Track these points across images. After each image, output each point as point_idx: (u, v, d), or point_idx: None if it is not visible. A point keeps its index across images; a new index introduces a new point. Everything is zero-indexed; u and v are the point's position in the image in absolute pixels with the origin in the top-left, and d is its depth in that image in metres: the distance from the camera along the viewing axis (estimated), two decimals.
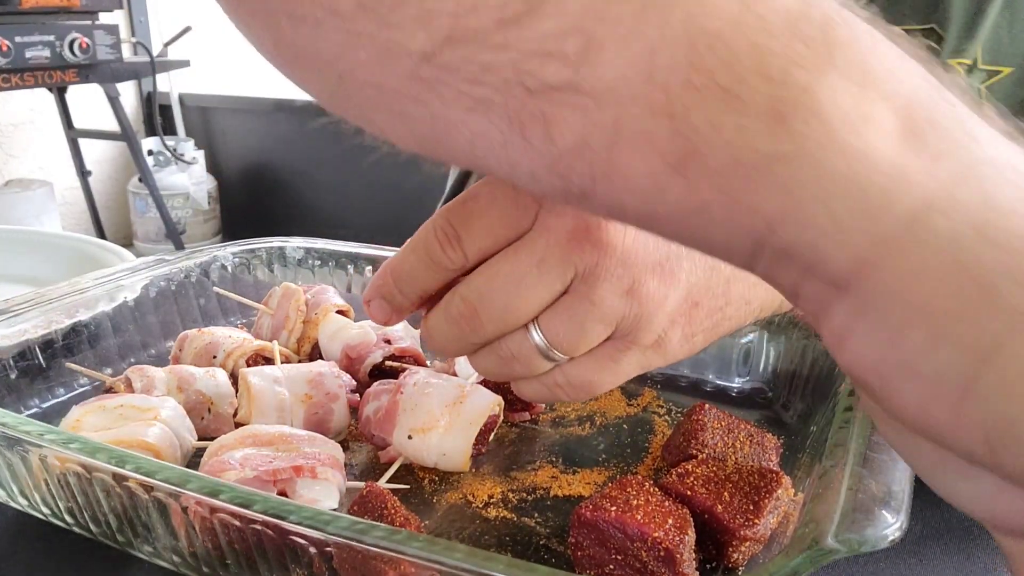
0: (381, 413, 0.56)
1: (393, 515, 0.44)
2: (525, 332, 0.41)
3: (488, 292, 0.40)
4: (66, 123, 2.97)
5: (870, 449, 0.44)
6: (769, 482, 0.46)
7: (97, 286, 0.70)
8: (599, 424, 0.63)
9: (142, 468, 0.42)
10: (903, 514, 0.38)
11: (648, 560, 0.42)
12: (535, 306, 0.40)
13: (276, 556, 0.41)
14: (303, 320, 0.72)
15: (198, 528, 0.42)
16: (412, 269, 0.41)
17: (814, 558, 0.35)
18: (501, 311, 0.40)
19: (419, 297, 0.42)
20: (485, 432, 0.56)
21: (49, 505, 0.48)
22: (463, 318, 0.41)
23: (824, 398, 0.58)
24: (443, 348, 0.43)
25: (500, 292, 0.39)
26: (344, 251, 0.83)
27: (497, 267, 0.39)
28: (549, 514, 0.51)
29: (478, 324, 0.40)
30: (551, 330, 0.40)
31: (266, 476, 0.47)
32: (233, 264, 0.81)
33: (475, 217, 0.39)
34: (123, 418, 0.53)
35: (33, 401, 0.64)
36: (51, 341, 0.65)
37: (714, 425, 0.53)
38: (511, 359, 0.42)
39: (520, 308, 0.40)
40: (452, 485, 0.55)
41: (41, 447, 0.45)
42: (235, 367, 0.65)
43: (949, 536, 0.51)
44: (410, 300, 0.42)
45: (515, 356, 0.41)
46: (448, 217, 0.39)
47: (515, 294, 0.39)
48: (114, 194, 3.58)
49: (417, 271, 0.41)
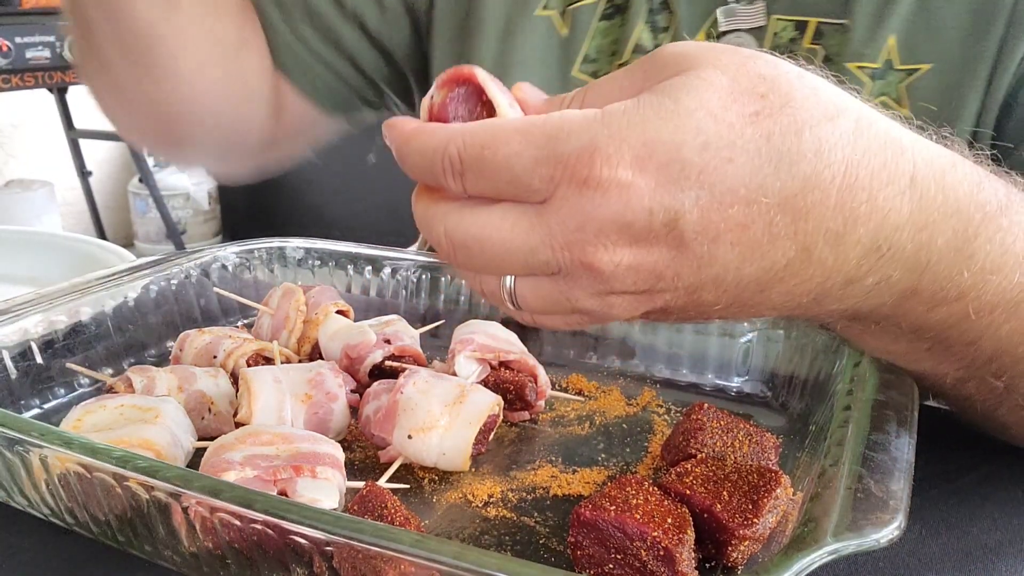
0: (381, 413, 0.56)
1: (393, 515, 0.45)
2: (499, 279, 0.41)
3: (471, 246, 0.40)
4: (66, 123, 2.97)
5: (869, 449, 0.44)
6: (768, 481, 0.46)
7: (97, 286, 0.70)
8: (599, 424, 0.63)
9: (142, 468, 0.42)
10: (902, 514, 0.38)
11: (647, 559, 0.42)
12: (511, 274, 0.41)
13: (276, 556, 0.41)
14: (303, 320, 0.72)
15: (198, 528, 0.42)
16: (412, 157, 0.41)
17: (813, 557, 0.36)
18: (477, 266, 0.41)
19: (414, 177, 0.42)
20: (485, 432, 0.56)
21: (49, 505, 0.49)
22: (440, 248, 0.41)
23: (823, 398, 0.58)
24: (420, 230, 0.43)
25: (481, 254, 0.40)
26: (344, 251, 0.83)
27: (489, 231, 0.39)
28: (549, 514, 0.51)
29: (454, 258, 0.41)
30: (523, 294, 0.41)
31: (266, 476, 0.47)
32: (233, 264, 0.81)
33: (489, 167, 0.38)
34: (124, 418, 0.53)
35: (34, 401, 0.64)
36: (51, 341, 0.65)
37: (713, 425, 0.53)
38: (481, 290, 0.42)
39: (496, 272, 0.41)
40: (452, 485, 0.55)
41: (41, 447, 0.45)
42: (235, 367, 0.65)
43: (949, 536, 0.51)
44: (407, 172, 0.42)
45: (484, 291, 0.42)
46: (461, 152, 0.38)
47: (496, 263, 0.40)
48: (114, 194, 3.58)
49: (416, 163, 0.41)
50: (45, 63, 2.50)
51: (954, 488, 0.55)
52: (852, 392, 0.51)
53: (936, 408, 0.61)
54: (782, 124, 0.37)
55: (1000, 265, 0.44)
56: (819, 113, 0.38)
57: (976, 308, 0.45)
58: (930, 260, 0.42)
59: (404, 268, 0.81)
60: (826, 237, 0.39)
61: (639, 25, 0.78)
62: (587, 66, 0.81)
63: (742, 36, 0.76)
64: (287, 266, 0.83)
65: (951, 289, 0.44)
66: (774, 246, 0.38)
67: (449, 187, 0.40)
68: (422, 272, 0.80)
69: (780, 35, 0.75)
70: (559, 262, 0.39)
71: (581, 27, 0.80)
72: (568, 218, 0.37)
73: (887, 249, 0.40)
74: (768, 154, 0.37)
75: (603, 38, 0.80)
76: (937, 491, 0.54)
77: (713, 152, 0.36)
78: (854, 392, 0.51)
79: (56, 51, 2.49)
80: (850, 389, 0.52)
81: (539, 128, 0.37)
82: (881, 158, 0.39)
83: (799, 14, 0.75)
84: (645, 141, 0.36)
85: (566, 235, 0.38)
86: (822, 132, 0.37)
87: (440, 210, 0.41)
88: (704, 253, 0.37)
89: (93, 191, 3.16)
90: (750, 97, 0.37)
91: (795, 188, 0.37)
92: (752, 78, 0.37)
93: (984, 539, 0.50)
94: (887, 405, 0.49)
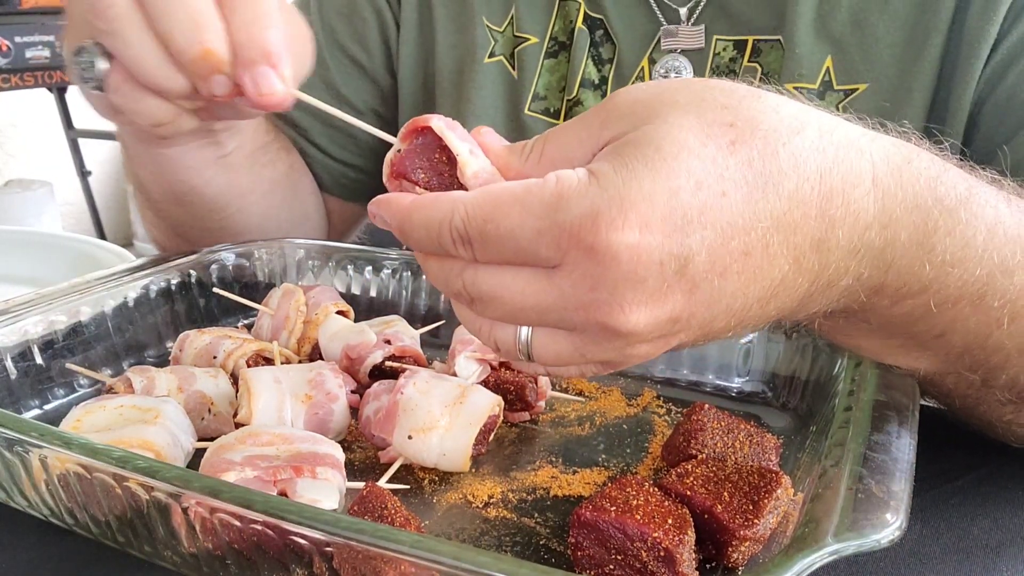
0: (381, 413, 0.56)
1: (393, 515, 0.44)
2: (514, 331, 0.41)
3: (489, 298, 0.40)
4: (66, 123, 2.97)
5: (870, 449, 0.44)
6: (769, 482, 0.46)
7: (97, 286, 0.69)
8: (599, 424, 0.63)
9: (142, 468, 0.42)
10: (903, 514, 0.38)
11: (648, 560, 0.42)
12: (531, 325, 0.41)
13: (276, 556, 0.41)
14: (303, 320, 0.72)
15: (198, 528, 0.42)
16: (417, 232, 0.40)
17: (814, 558, 0.36)
18: (496, 316, 0.41)
19: (421, 250, 0.42)
20: (485, 432, 0.56)
21: (49, 505, 0.49)
22: (459, 298, 0.41)
23: (824, 398, 0.58)
24: (435, 285, 0.43)
25: (499, 305, 0.40)
26: (344, 251, 0.83)
27: (502, 290, 0.39)
28: (549, 514, 0.51)
29: (472, 307, 0.41)
30: (538, 347, 0.41)
31: (266, 476, 0.47)
32: (233, 264, 0.81)
33: (493, 240, 0.38)
34: (123, 418, 0.53)
35: (33, 402, 0.64)
36: (51, 341, 0.65)
37: (714, 425, 0.53)
38: (493, 343, 0.42)
39: (515, 322, 0.41)
40: (452, 485, 0.55)
41: (41, 447, 0.45)
42: (235, 367, 0.65)
43: (949, 536, 0.51)
44: (412, 247, 0.42)
45: (498, 342, 0.42)
46: (466, 221, 0.38)
47: (514, 315, 0.40)
48: (114, 194, 3.58)
49: (422, 237, 0.40)
50: (45, 63, 2.50)
51: (954, 488, 0.55)
52: (853, 393, 0.51)
53: (936, 408, 0.61)
54: (758, 148, 0.38)
55: (961, 258, 0.45)
56: (785, 130, 0.39)
57: (938, 301, 0.46)
58: (895, 256, 0.43)
59: (404, 268, 0.81)
60: (812, 245, 0.40)
61: (583, 59, 0.82)
62: (537, 103, 0.85)
63: (679, 59, 0.78)
64: (287, 266, 0.83)
65: (914, 283, 0.45)
66: (772, 264, 0.39)
67: (460, 256, 0.40)
68: (422, 272, 0.80)
69: (721, 55, 0.77)
70: (574, 322, 0.39)
71: (529, 67, 0.84)
72: (580, 282, 0.37)
73: (860, 248, 0.42)
74: (754, 180, 0.37)
75: (550, 75, 0.84)
76: (937, 491, 0.54)
77: (707, 190, 0.37)
78: (855, 393, 0.51)
79: (56, 50, 2.49)
80: (851, 390, 0.52)
81: (536, 198, 0.37)
82: (847, 162, 0.40)
83: (737, 33, 0.77)
84: (643, 196, 0.36)
85: (580, 298, 0.38)
86: (794, 148, 0.38)
87: (454, 266, 0.41)
88: (715, 289, 0.38)
89: (93, 191, 3.16)
90: (721, 128, 0.38)
91: (783, 207, 0.38)
92: (715, 110, 0.38)
93: (984, 539, 0.50)
94: (888, 406, 0.49)
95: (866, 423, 0.47)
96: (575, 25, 0.82)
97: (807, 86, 0.72)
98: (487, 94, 0.86)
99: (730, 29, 0.77)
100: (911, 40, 0.70)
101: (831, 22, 0.72)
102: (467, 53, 0.86)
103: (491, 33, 0.85)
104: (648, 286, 0.37)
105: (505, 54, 0.85)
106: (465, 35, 0.86)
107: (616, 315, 0.37)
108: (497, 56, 0.85)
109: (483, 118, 0.86)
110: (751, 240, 0.38)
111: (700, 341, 0.42)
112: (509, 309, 0.40)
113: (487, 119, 0.86)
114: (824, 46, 0.72)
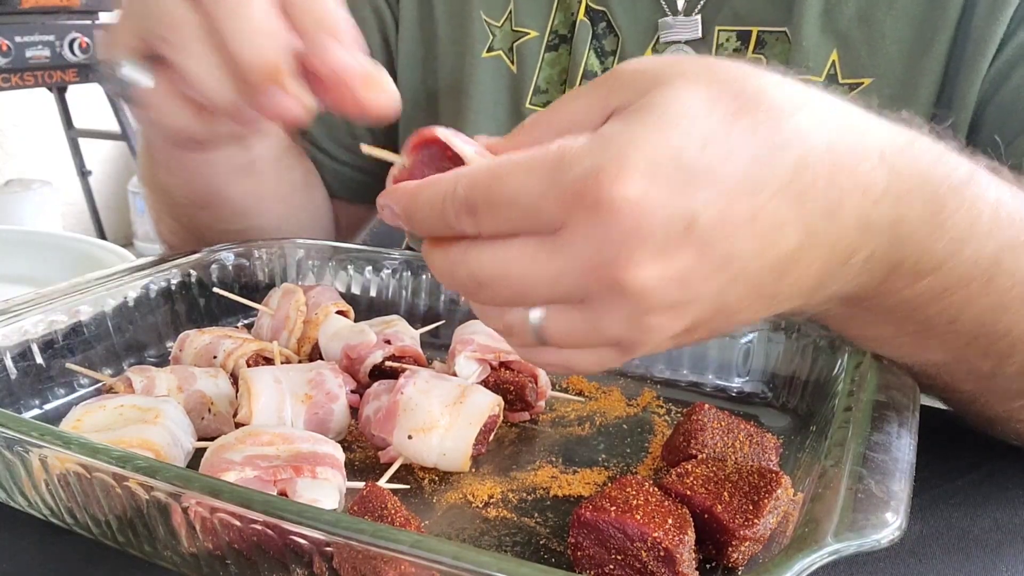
0: (381, 413, 0.56)
1: (393, 515, 0.44)
2: (526, 312, 0.40)
3: (495, 279, 0.39)
4: (66, 123, 2.97)
5: (870, 449, 0.44)
6: (769, 482, 0.46)
7: (97, 286, 0.69)
8: (599, 424, 0.63)
9: (142, 468, 0.42)
10: (903, 514, 0.38)
11: (648, 560, 0.42)
12: (540, 303, 0.40)
13: (276, 556, 0.41)
14: (303, 320, 0.72)
15: (198, 528, 0.42)
16: (422, 211, 0.40)
17: (814, 558, 0.36)
18: (503, 299, 0.40)
19: (427, 232, 0.41)
20: (485, 432, 0.56)
21: (49, 505, 0.49)
22: (465, 288, 0.41)
23: (824, 398, 0.58)
24: (440, 280, 0.43)
25: (506, 285, 0.39)
26: (344, 251, 0.83)
27: (508, 265, 0.39)
28: (549, 514, 0.51)
29: (478, 295, 0.41)
30: (549, 328, 0.40)
31: (266, 476, 0.47)
32: (233, 264, 0.81)
33: (497, 203, 0.38)
34: (123, 418, 0.53)
35: (33, 402, 0.64)
36: (51, 341, 0.65)
37: (714, 425, 0.53)
38: (505, 329, 0.42)
39: (523, 302, 0.40)
40: (452, 485, 0.55)
41: (41, 447, 0.45)
42: (235, 367, 0.65)
43: (949, 536, 0.51)
44: (418, 230, 0.42)
45: (510, 328, 0.41)
46: (468, 191, 0.38)
47: (521, 293, 0.39)
48: (114, 194, 3.58)
49: (427, 216, 0.40)
50: (45, 62, 2.50)
51: (954, 488, 0.55)
52: (853, 392, 0.51)
53: (936, 408, 0.61)
54: (763, 117, 0.38)
55: (969, 236, 0.45)
56: (791, 103, 0.39)
57: (951, 282, 0.47)
58: (907, 231, 0.43)
59: (404, 268, 0.81)
60: (822, 215, 0.39)
61: (585, 52, 0.81)
62: (538, 97, 0.85)
63: (684, 49, 0.78)
64: (287, 266, 0.83)
65: (928, 260, 0.45)
66: (782, 233, 0.38)
67: (463, 229, 0.39)
68: (422, 272, 0.80)
69: (724, 46, 0.77)
70: (585, 288, 0.38)
71: (529, 61, 0.84)
72: (586, 242, 0.37)
73: (872, 222, 0.42)
74: (758, 146, 0.37)
75: (551, 68, 0.84)
76: (937, 491, 0.54)
77: (713, 150, 0.37)
78: (855, 393, 0.51)
79: (56, 50, 2.49)
80: (851, 390, 0.52)
81: (540, 160, 0.37)
82: (853, 137, 0.41)
83: (741, 24, 0.77)
84: (647, 154, 0.36)
85: (587, 259, 0.37)
86: (799, 119, 0.38)
87: (458, 250, 0.40)
88: (724, 251, 0.38)
89: (93, 191, 3.16)
90: (727, 96, 0.38)
91: (789, 175, 0.38)
92: (722, 80, 0.38)
93: (984, 539, 0.50)
94: (888, 405, 0.49)
95: (866, 423, 0.47)
96: (576, 18, 0.81)
97: (812, 79, 0.72)
98: (487, 89, 0.86)
99: (734, 20, 0.76)
100: (918, 37, 0.70)
101: (838, 16, 0.72)
102: (465, 49, 0.86)
103: (489, 28, 0.85)
104: (655, 242, 0.36)
105: (504, 48, 0.85)
106: (463, 31, 0.86)
107: (624, 271, 0.37)
108: (496, 51, 0.85)
109: (484, 113, 0.86)
110: (757, 204, 0.37)
111: (716, 320, 0.41)
112: (517, 287, 0.39)
113: (488, 114, 0.86)
114: (830, 40, 0.72)
